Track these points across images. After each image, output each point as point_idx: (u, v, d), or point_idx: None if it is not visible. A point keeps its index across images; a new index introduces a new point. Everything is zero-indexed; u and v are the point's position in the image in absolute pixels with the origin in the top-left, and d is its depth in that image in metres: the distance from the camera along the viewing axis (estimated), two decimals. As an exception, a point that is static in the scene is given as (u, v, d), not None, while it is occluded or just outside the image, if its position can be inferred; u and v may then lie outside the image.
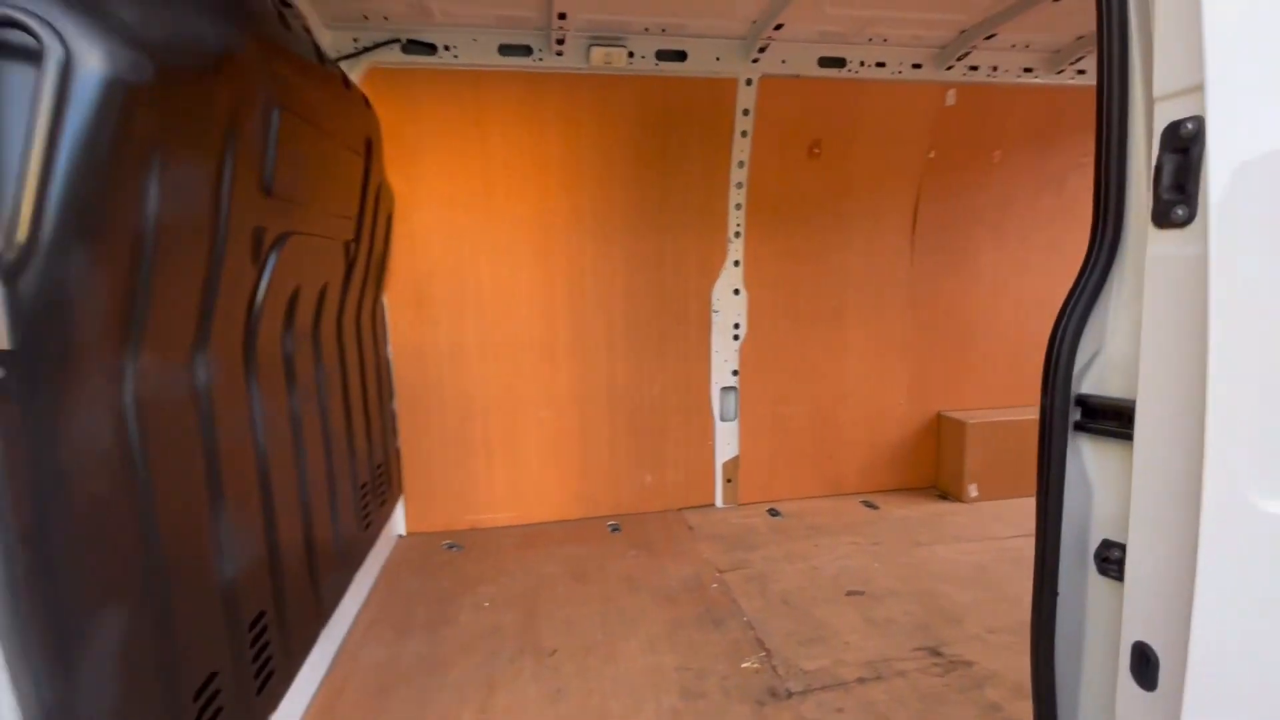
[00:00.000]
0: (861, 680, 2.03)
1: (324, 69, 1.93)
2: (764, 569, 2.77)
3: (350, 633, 2.31)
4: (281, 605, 1.67)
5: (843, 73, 3.00)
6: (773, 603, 2.50)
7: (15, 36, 0.87)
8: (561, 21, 2.49)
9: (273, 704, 1.62)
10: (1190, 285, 0.78)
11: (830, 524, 3.21)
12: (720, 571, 2.75)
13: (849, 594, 2.55)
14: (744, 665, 2.12)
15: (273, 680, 1.61)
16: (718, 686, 2.02)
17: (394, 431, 3.03)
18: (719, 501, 3.46)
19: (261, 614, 1.56)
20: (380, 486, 2.72)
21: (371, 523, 2.57)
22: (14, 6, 0.85)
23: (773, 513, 3.37)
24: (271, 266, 1.62)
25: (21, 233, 0.86)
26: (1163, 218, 0.82)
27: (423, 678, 2.08)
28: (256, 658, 1.53)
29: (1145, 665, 0.87)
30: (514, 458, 3.21)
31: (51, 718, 0.89)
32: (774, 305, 3.35)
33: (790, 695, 1.97)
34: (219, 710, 1.34)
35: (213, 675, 1.32)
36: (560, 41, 2.66)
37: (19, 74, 0.89)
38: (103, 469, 1.07)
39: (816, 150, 3.16)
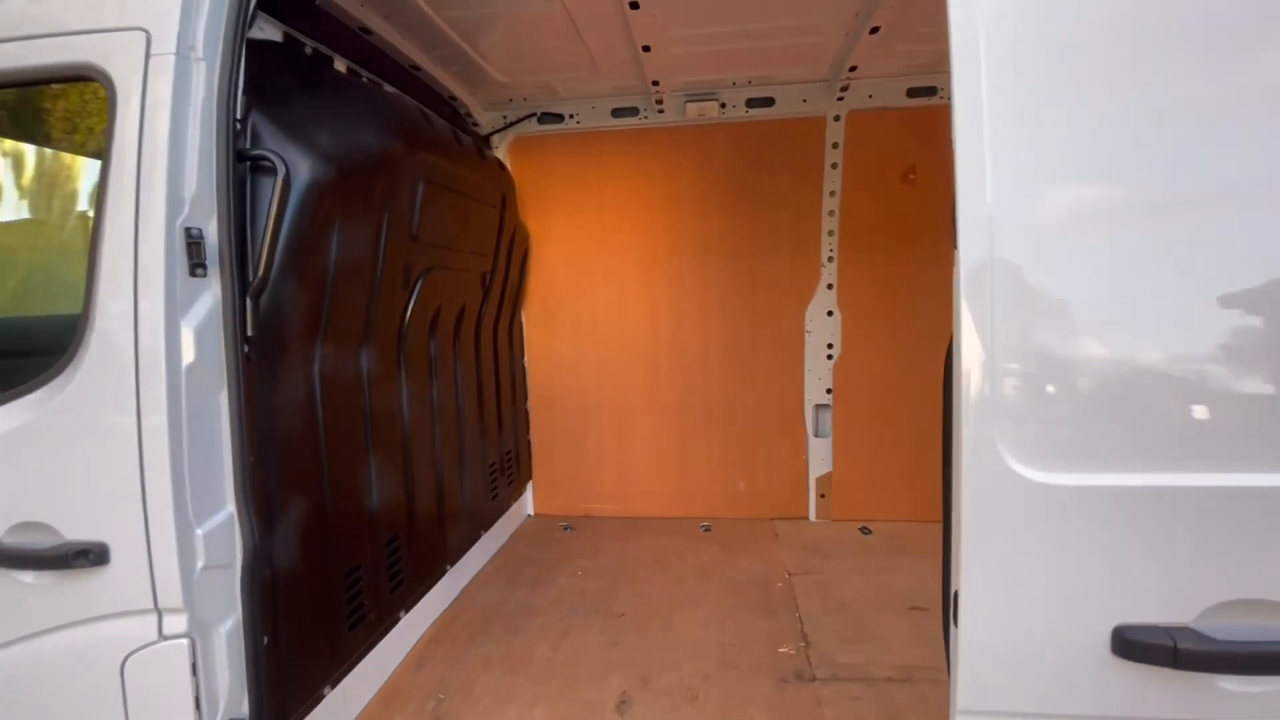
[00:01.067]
0: (889, 680, 2.14)
1: (463, 147, 2.63)
2: (833, 576, 2.90)
3: (474, 580, 2.93)
4: (412, 535, 2.31)
5: (934, 100, 3.08)
6: (830, 605, 2.65)
7: (265, 164, 1.55)
8: (656, 87, 2.98)
9: (401, 606, 2.25)
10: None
11: (919, 546, 3.20)
12: (790, 573, 2.94)
13: (911, 609, 2.60)
14: (781, 650, 2.33)
15: (401, 588, 2.23)
16: (750, 662, 2.26)
17: (526, 427, 3.68)
18: (812, 515, 3.59)
19: (396, 536, 2.19)
20: (509, 468, 3.37)
21: (498, 495, 3.20)
22: (267, 149, 1.53)
23: (864, 530, 3.43)
24: (417, 291, 2.30)
25: (261, 270, 1.53)
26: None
27: (519, 619, 2.61)
28: (390, 567, 2.16)
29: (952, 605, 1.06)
30: (622, 457, 3.69)
31: (256, 554, 1.51)
32: (870, 326, 3.45)
33: (814, 680, 2.15)
34: (359, 591, 1.97)
35: (358, 565, 1.96)
36: (659, 102, 3.15)
37: (266, 181, 1.57)
38: (298, 413, 1.73)
39: (912, 176, 3.25)
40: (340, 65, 2.13)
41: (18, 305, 1.88)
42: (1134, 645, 0.91)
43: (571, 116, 3.31)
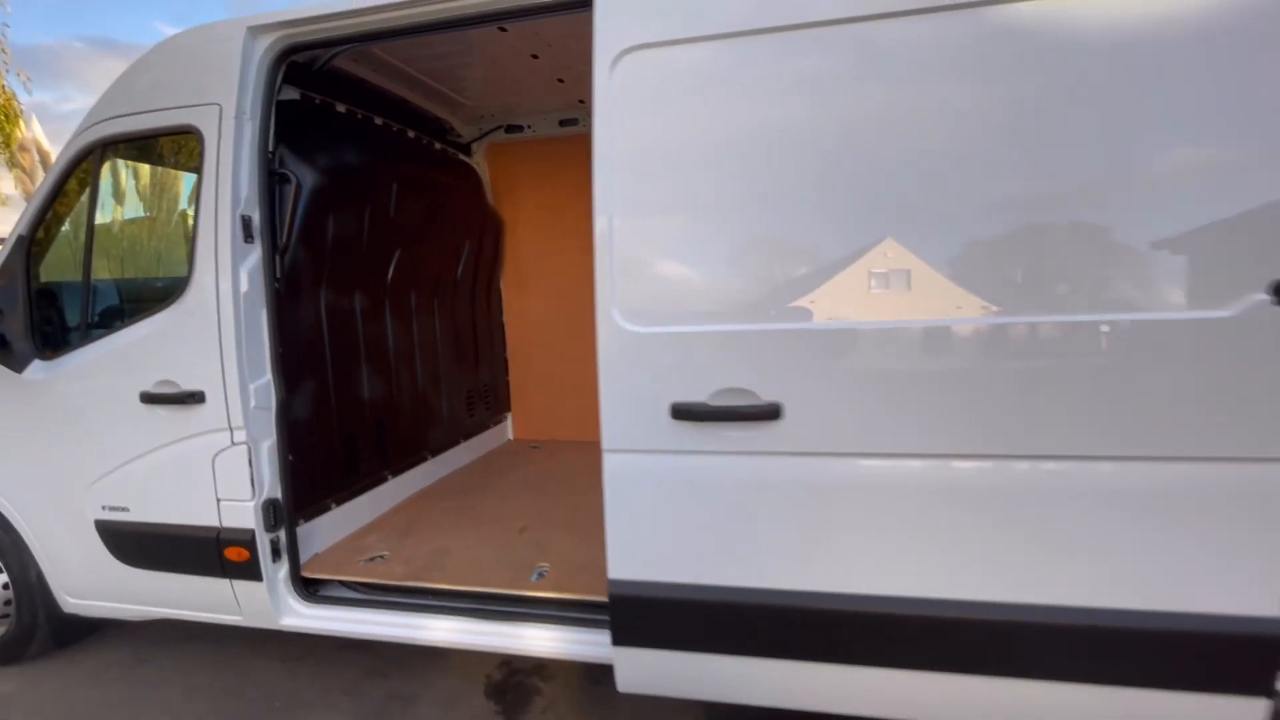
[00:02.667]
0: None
1: (435, 155, 3.67)
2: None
3: (453, 472, 4.01)
4: (396, 423, 3.40)
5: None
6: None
7: (286, 177, 2.62)
8: (582, 104, 3.93)
9: (387, 470, 3.34)
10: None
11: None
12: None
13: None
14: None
15: (387, 456, 3.32)
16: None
17: (505, 369, 4.73)
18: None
19: (382, 420, 3.28)
20: (487, 397, 4.43)
21: (475, 415, 4.27)
22: (287, 169, 2.60)
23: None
24: (397, 257, 3.36)
25: (284, 240, 2.60)
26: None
27: (477, 491, 3.66)
28: (379, 439, 3.25)
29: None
30: (581, 393, 4.68)
31: (283, 404, 2.58)
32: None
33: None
34: (355, 449, 3.06)
35: (353, 432, 3.05)
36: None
37: (288, 188, 2.64)
38: (309, 327, 2.83)
39: None
40: (341, 107, 3.20)
41: (148, 268, 3.05)
42: (681, 410, 1.83)
43: (529, 127, 4.29)
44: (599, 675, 2.77)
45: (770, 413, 1.80)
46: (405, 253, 3.44)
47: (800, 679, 1.93)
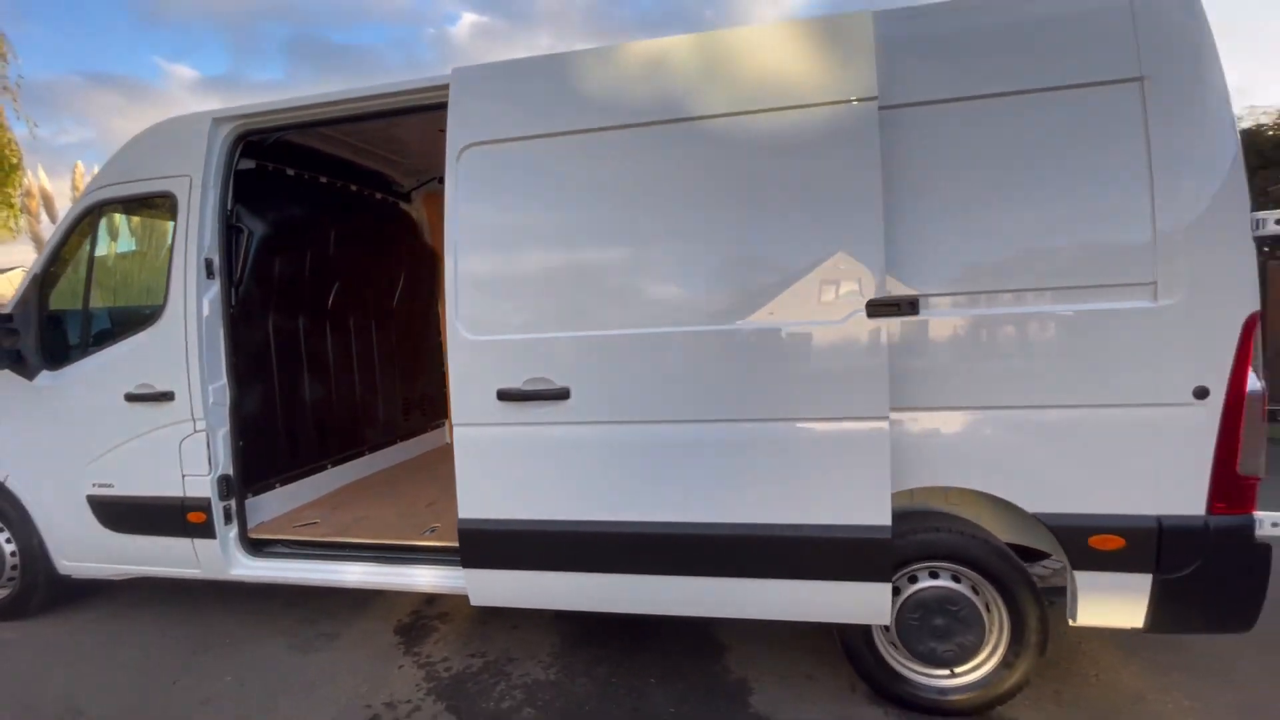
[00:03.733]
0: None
1: (376, 202, 4.53)
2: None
3: (390, 467, 4.76)
4: (335, 420, 4.17)
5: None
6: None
7: (241, 229, 3.43)
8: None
9: (327, 459, 4.10)
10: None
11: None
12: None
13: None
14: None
15: (326, 447, 4.09)
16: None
17: (444, 381, 5.51)
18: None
19: (323, 418, 4.06)
20: (424, 404, 5.21)
21: (411, 419, 5.04)
22: (242, 223, 3.42)
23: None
24: (336, 288, 4.17)
25: (237, 277, 3.40)
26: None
27: (407, 482, 4.41)
28: (319, 433, 4.02)
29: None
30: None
31: (235, 401, 3.35)
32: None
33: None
34: (297, 440, 3.83)
35: (294, 426, 3.82)
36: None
37: (242, 238, 3.45)
38: (258, 342, 3.62)
39: None
40: (292, 171, 4.04)
41: (134, 298, 3.85)
42: (503, 394, 2.62)
43: (458, 179, 5.16)
44: (486, 617, 3.51)
45: (562, 394, 2.59)
46: (343, 284, 4.26)
47: (590, 586, 2.69)
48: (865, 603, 2.46)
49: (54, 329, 3.56)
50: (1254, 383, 2.25)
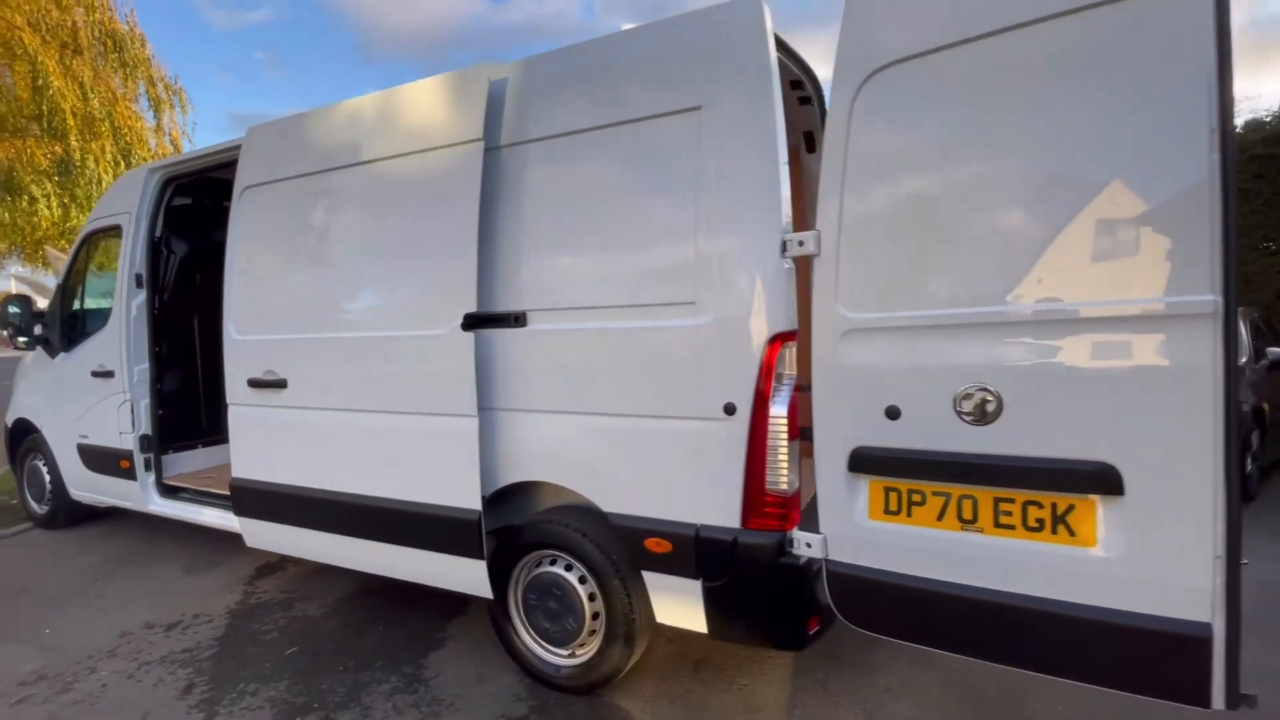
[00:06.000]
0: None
1: None
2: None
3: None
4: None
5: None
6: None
7: (167, 249, 4.56)
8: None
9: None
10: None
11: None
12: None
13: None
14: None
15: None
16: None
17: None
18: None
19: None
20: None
21: None
22: (171, 247, 4.54)
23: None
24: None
25: (161, 286, 4.53)
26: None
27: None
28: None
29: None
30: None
31: (154, 378, 4.47)
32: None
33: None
34: (220, 420, 4.92)
35: (218, 407, 4.93)
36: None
37: (168, 256, 4.57)
38: (177, 335, 4.77)
39: None
40: (211, 202, 5.12)
41: (104, 304, 5.20)
42: (250, 381, 3.34)
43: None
44: (322, 567, 4.30)
45: (281, 383, 3.27)
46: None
47: (310, 541, 3.34)
48: (470, 576, 2.84)
49: (67, 323, 4.98)
50: (780, 403, 2.30)
